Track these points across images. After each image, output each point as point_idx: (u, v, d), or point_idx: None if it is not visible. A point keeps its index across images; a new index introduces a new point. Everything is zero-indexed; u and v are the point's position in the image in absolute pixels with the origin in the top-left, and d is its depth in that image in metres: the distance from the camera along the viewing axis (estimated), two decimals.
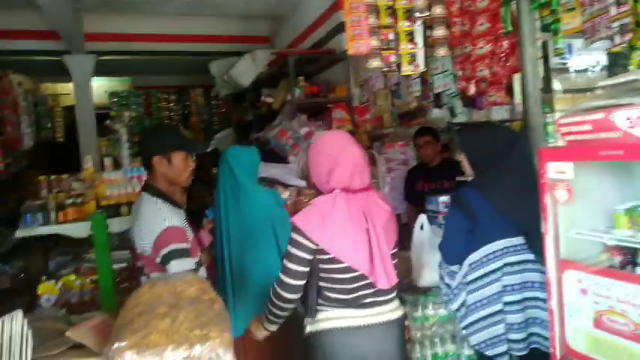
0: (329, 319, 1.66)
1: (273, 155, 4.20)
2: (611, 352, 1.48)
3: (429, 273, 2.36)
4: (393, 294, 1.75)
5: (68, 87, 7.22)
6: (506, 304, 1.95)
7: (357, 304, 1.66)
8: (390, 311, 1.71)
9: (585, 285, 1.55)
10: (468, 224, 1.99)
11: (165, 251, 1.77)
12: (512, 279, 1.95)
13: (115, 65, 6.79)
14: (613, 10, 2.05)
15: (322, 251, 1.63)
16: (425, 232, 2.46)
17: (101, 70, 6.46)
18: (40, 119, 7.20)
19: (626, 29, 1.99)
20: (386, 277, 1.64)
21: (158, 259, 1.79)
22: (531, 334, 1.96)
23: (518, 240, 1.96)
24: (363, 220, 1.65)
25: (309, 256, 1.64)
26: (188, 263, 1.81)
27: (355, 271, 1.64)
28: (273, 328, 1.80)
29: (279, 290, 1.67)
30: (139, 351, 1.22)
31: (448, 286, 2.11)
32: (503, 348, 1.95)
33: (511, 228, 1.95)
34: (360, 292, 1.66)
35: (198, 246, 2.03)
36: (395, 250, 1.76)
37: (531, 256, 1.94)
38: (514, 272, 1.95)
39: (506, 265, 1.95)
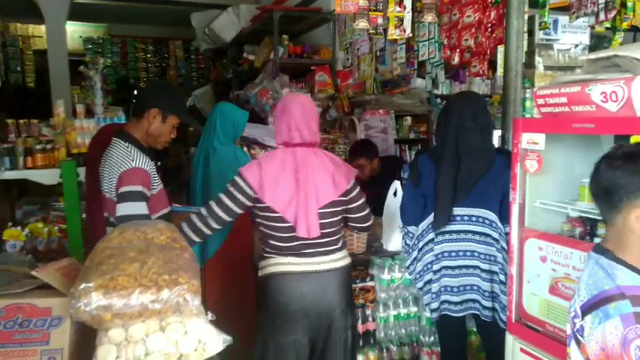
0: (270, 265, 1.83)
1: (253, 115, 4.14)
2: (563, 316, 1.57)
3: (398, 238, 2.41)
4: (336, 246, 1.87)
5: (40, 29, 6.87)
6: (445, 267, 2.08)
7: (295, 252, 1.81)
8: (331, 261, 1.84)
9: (545, 253, 1.61)
10: (418, 189, 2.11)
11: (123, 189, 1.73)
12: (449, 246, 2.07)
13: (91, 10, 6.46)
14: None
15: (259, 200, 1.77)
16: (398, 199, 2.50)
17: (76, 14, 6.14)
18: (9, 62, 6.86)
19: (611, 7, 2.01)
20: (306, 228, 1.75)
21: (115, 197, 1.76)
22: (470, 300, 2.10)
23: (458, 210, 2.04)
24: (295, 173, 1.77)
25: (241, 198, 1.77)
26: (138, 207, 1.73)
27: (287, 221, 1.77)
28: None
29: (204, 212, 1.81)
30: (105, 292, 1.22)
31: (407, 245, 2.25)
32: (435, 305, 2.12)
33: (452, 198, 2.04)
34: (297, 242, 1.80)
35: (167, 199, 2.01)
36: (330, 210, 1.82)
37: (472, 227, 2.04)
38: (451, 240, 2.06)
39: (445, 232, 2.06)
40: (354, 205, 1.92)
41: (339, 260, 1.88)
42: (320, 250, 1.83)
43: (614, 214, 1.11)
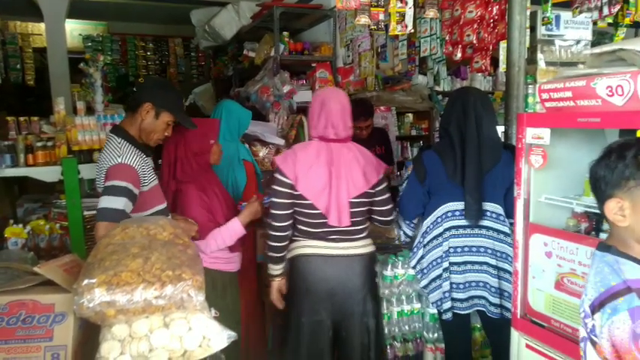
0: (298, 247, 1.97)
1: (254, 112, 4.12)
2: (569, 312, 1.56)
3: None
4: (361, 234, 1.99)
5: (39, 27, 6.84)
6: (452, 264, 2.06)
7: (322, 237, 1.93)
8: (356, 247, 1.96)
9: (551, 248, 1.60)
10: (423, 187, 2.09)
11: (107, 184, 1.73)
12: (456, 242, 2.05)
13: (91, 7, 6.43)
14: None
15: (293, 187, 1.89)
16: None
17: (75, 11, 6.12)
18: (9, 60, 6.84)
19: (615, 1, 1.99)
20: (337, 216, 1.87)
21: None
22: (477, 297, 2.07)
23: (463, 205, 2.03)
24: (328, 165, 1.87)
25: (287, 190, 1.90)
26: (116, 202, 1.69)
27: (317, 208, 1.88)
28: (277, 267, 2.02)
29: (270, 221, 1.94)
30: (108, 288, 1.21)
31: (407, 235, 2.28)
32: (448, 305, 2.09)
33: (459, 192, 2.02)
34: (325, 229, 1.91)
35: (163, 195, 1.99)
36: (360, 200, 1.93)
37: (482, 222, 2.02)
38: (458, 235, 2.05)
39: (452, 227, 2.04)
40: (379, 198, 2.00)
41: (363, 247, 1.98)
42: (346, 237, 1.94)
43: (601, 208, 1.12)
